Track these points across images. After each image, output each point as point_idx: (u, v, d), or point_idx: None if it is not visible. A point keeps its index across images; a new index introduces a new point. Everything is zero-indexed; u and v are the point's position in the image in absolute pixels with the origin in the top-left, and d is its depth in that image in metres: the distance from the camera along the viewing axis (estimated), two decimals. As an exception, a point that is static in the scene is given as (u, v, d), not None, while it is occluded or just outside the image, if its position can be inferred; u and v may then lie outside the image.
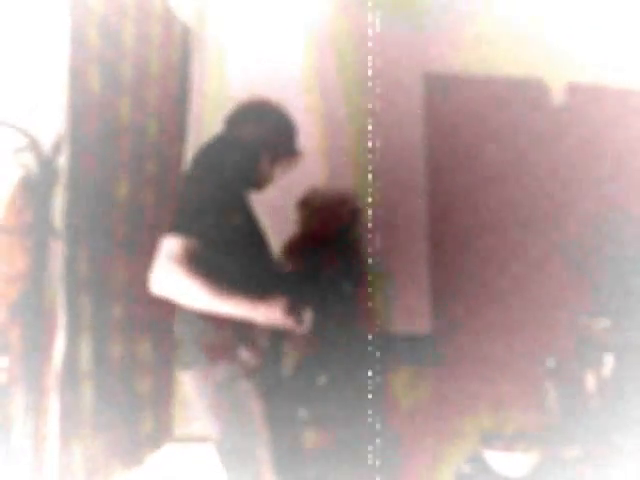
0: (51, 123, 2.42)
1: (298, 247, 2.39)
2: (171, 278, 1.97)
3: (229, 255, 2.10)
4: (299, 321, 2.12)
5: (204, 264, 2.00)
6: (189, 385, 2.16)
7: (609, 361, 2.63)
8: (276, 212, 3.22)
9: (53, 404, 2.14)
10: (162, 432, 2.97)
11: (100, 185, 2.38)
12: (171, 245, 1.99)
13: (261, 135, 2.25)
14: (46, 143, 2.59)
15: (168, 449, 2.99)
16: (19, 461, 2.26)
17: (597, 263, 3.36)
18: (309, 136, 3.32)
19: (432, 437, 3.31)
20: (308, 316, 2.17)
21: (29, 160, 2.59)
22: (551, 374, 2.59)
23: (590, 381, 2.61)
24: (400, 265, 3.40)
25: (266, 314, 2.06)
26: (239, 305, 2.03)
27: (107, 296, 2.43)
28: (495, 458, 2.19)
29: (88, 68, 2.32)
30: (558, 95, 3.50)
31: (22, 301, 2.30)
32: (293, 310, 2.09)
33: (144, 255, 2.20)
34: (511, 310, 3.37)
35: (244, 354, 2.09)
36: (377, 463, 3.24)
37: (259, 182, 2.31)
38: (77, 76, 2.25)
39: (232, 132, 2.29)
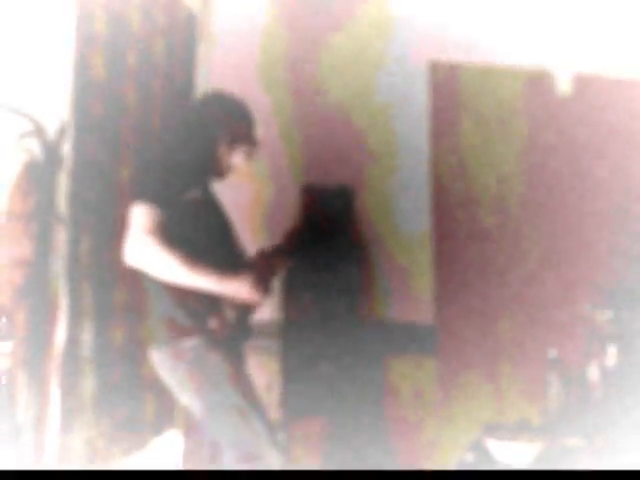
0: (56, 109, 2.41)
1: (299, 235, 2.43)
2: (145, 249, 2.04)
3: (190, 231, 2.17)
4: (264, 297, 2.21)
5: (170, 237, 2.06)
6: (160, 366, 2.21)
7: (612, 352, 2.62)
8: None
9: (55, 389, 2.15)
10: (164, 418, 2.97)
11: (104, 171, 2.38)
12: (140, 214, 2.06)
13: (220, 120, 2.33)
14: (51, 129, 2.59)
15: (170, 435, 3.00)
16: (21, 445, 2.26)
17: (600, 255, 3.36)
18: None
19: (434, 426, 3.32)
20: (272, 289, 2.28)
21: (34, 146, 2.59)
22: (554, 365, 2.58)
23: (593, 372, 2.61)
24: (403, 254, 3.40)
25: (235, 288, 2.14)
26: (209, 278, 2.10)
27: (109, 281, 2.43)
28: (497, 447, 2.19)
29: (93, 54, 2.32)
30: (564, 85, 3.48)
31: (27, 286, 2.29)
32: (260, 286, 2.17)
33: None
34: (514, 301, 3.38)
35: (213, 323, 2.15)
36: (377, 451, 3.25)
37: (219, 168, 2.37)
38: (82, 62, 2.26)
39: (195, 116, 2.39)
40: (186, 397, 2.22)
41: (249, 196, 3.35)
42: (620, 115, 3.45)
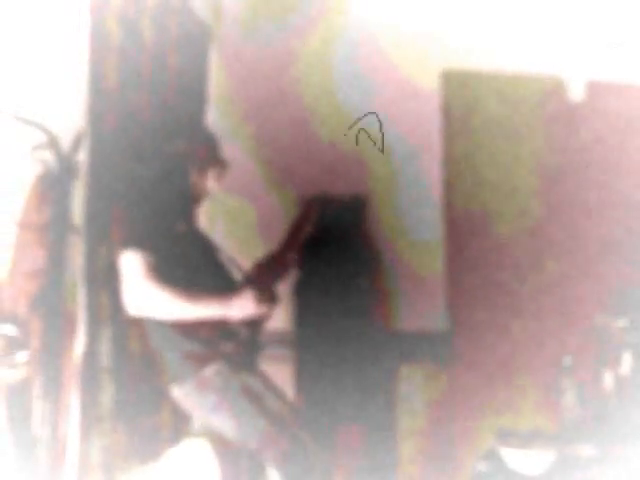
0: (70, 120, 2.44)
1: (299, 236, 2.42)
2: (145, 295, 2.06)
3: (183, 265, 2.17)
4: (272, 306, 2.22)
5: (164, 276, 2.08)
6: (187, 401, 2.22)
7: (627, 360, 2.61)
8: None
9: (73, 399, 2.16)
10: (181, 427, 2.98)
11: (119, 181, 2.39)
12: (132, 262, 2.08)
13: (185, 149, 2.33)
14: (65, 140, 2.61)
15: (187, 444, 3.00)
16: (39, 455, 2.28)
17: (615, 261, 3.35)
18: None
19: (447, 434, 3.30)
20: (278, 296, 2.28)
21: (48, 156, 2.61)
22: (568, 373, 2.57)
23: (608, 380, 2.59)
24: (416, 262, 3.40)
25: (240, 307, 2.14)
26: (212, 305, 2.12)
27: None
28: (511, 455, 2.18)
29: (107, 65, 2.33)
30: (578, 92, 3.47)
31: (41, 296, 2.32)
32: (265, 297, 2.17)
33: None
34: (529, 308, 3.36)
35: (227, 347, 2.16)
36: (391, 460, 3.25)
37: (195, 196, 2.37)
38: (96, 72, 2.27)
39: (164, 149, 2.38)
40: (217, 423, 2.22)
41: (255, 210, 3.35)
42: (633, 121, 3.43)
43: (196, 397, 2.18)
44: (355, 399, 3.22)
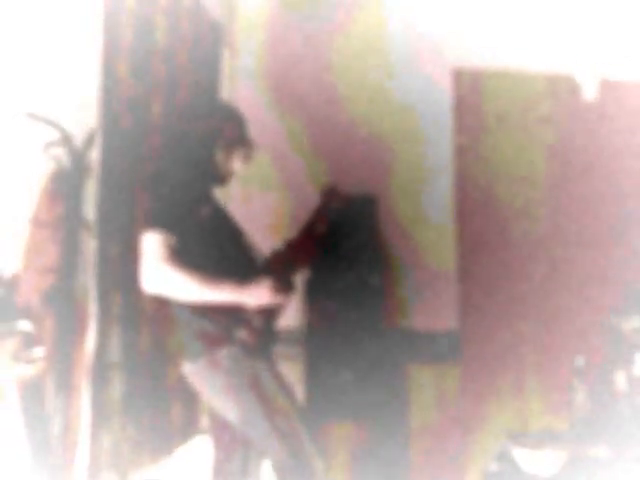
0: (83, 117, 2.45)
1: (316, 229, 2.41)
2: (162, 276, 2.06)
3: (204, 247, 2.17)
4: (288, 297, 2.21)
5: (185, 258, 2.08)
6: (196, 379, 2.22)
7: (639, 360, 2.59)
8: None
9: (84, 395, 2.17)
10: (191, 424, 2.99)
11: (131, 178, 2.40)
12: (152, 242, 2.07)
13: (212, 126, 2.31)
14: (78, 137, 2.62)
15: (197, 441, 3.01)
16: (51, 450, 2.29)
17: (628, 261, 3.33)
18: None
19: (458, 434, 3.30)
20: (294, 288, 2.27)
21: (61, 154, 2.62)
22: (580, 373, 2.55)
23: (620, 380, 2.58)
24: (427, 262, 3.40)
25: (256, 295, 2.15)
26: (229, 291, 2.12)
27: (137, 288, 2.45)
28: (523, 456, 2.18)
29: (120, 63, 2.34)
30: (590, 91, 3.46)
31: (54, 292, 2.33)
32: (281, 288, 2.17)
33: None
34: (540, 308, 3.35)
35: (242, 334, 2.15)
36: (401, 459, 3.24)
37: (220, 176, 2.36)
38: (109, 71, 2.28)
39: (185, 129, 2.35)
40: (222, 405, 2.22)
41: (270, 206, 3.36)
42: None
43: (206, 376, 2.18)
44: (365, 397, 3.22)
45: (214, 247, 2.21)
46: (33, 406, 2.22)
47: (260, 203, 3.34)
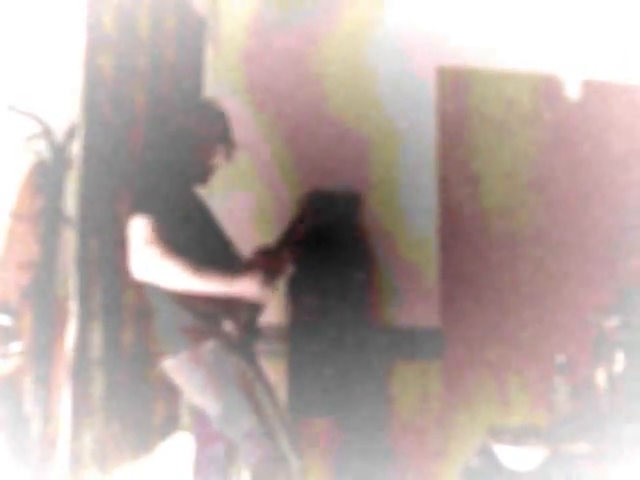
0: (64, 110, 2.43)
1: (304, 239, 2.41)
2: (150, 260, 2.05)
3: (189, 240, 2.17)
4: (273, 293, 2.23)
5: (171, 245, 2.08)
6: (177, 373, 2.21)
7: (620, 358, 2.61)
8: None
9: (64, 391, 2.15)
10: (173, 420, 2.97)
11: (113, 172, 2.39)
12: (140, 226, 2.07)
13: (195, 123, 2.33)
14: (59, 130, 2.60)
15: (178, 437, 3.00)
16: (30, 447, 2.27)
17: (609, 260, 3.35)
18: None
19: (440, 430, 3.30)
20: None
21: (42, 147, 2.60)
22: (561, 370, 2.57)
23: (601, 378, 2.59)
24: (410, 258, 3.40)
25: (244, 288, 2.15)
26: (216, 281, 2.12)
27: (118, 283, 2.44)
28: (504, 451, 2.18)
29: (103, 57, 2.32)
30: (573, 91, 3.48)
31: (34, 287, 2.31)
32: (269, 283, 2.19)
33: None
34: (522, 306, 3.36)
35: (228, 326, 2.15)
36: (383, 455, 3.24)
37: (201, 172, 2.37)
38: (92, 64, 2.26)
39: (168, 124, 2.38)
40: (203, 400, 2.21)
41: (251, 206, 3.35)
42: (628, 120, 3.44)
43: (187, 371, 2.17)
44: (348, 393, 3.22)
45: (197, 240, 2.21)
46: (11, 402, 2.20)
47: (241, 202, 3.33)
